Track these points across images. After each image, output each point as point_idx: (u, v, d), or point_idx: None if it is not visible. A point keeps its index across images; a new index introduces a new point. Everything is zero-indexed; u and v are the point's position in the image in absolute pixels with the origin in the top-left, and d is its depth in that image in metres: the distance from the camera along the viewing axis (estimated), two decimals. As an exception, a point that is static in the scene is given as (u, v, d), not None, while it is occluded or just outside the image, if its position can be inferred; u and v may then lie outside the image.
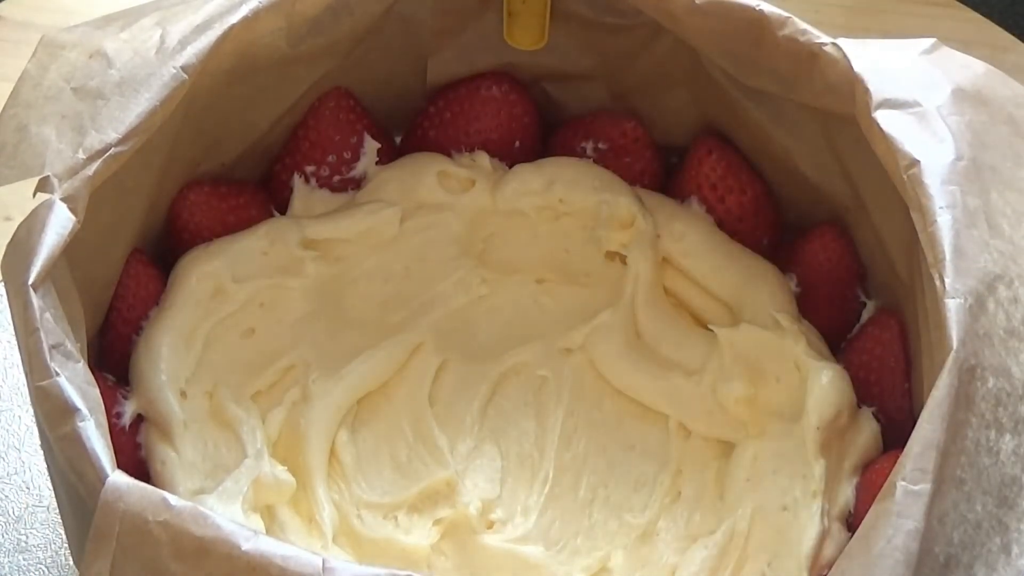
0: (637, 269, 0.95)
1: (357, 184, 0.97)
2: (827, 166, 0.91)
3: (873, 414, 0.88)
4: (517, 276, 0.98)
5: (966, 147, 0.78)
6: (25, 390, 1.01)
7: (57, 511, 0.95)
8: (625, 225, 0.96)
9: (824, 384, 0.87)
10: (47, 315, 0.73)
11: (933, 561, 0.68)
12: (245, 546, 0.66)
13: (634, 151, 0.97)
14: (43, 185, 0.77)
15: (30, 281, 0.73)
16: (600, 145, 0.97)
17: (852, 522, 0.85)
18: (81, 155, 0.77)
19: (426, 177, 0.97)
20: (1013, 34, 1.14)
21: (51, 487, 0.96)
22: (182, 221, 0.92)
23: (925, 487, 0.68)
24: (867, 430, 0.88)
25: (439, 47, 0.96)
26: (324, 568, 0.65)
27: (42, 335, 0.72)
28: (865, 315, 0.92)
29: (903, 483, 0.68)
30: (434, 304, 0.97)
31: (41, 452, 0.97)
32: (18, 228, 0.76)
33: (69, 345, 0.73)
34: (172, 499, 0.67)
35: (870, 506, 0.82)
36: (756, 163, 0.96)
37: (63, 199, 0.76)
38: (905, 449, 0.70)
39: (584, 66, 0.97)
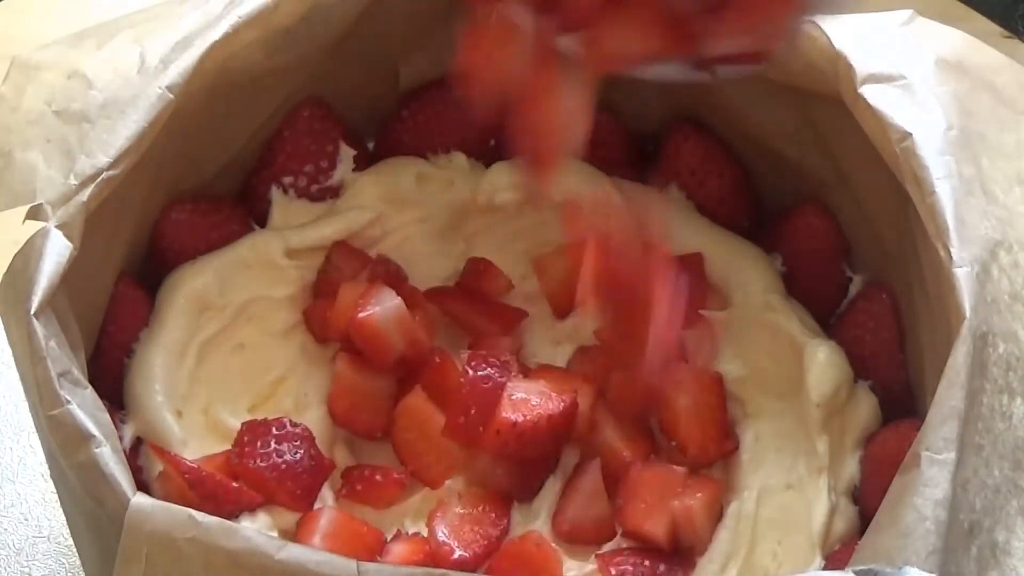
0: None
1: (335, 192, 0.96)
2: (806, 144, 0.92)
3: (870, 388, 0.89)
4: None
5: (954, 116, 0.79)
6: (15, 421, 1.00)
7: (58, 541, 0.94)
8: (606, 215, 0.96)
9: (821, 361, 0.88)
10: (52, 343, 0.72)
11: (959, 528, 0.68)
12: (278, 555, 0.66)
13: (609, 143, 0.98)
14: (35, 213, 0.76)
15: (32, 310, 0.72)
16: (576, 138, 0.97)
17: (859, 496, 0.86)
18: (73, 181, 0.77)
19: (405, 180, 0.97)
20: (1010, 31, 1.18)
21: (50, 518, 0.95)
22: (166, 241, 0.91)
23: (950, 456, 0.68)
24: (865, 404, 0.88)
25: (410, 52, 0.96)
26: (359, 571, 0.65)
27: (49, 364, 0.72)
28: (852, 290, 0.93)
29: (927, 453, 0.68)
30: (421, 304, 0.97)
31: (35, 483, 0.97)
32: (14, 258, 0.75)
33: (76, 372, 0.73)
34: (199, 515, 0.67)
35: (877, 479, 0.83)
36: (733, 146, 0.96)
37: (58, 226, 0.75)
38: (927, 419, 0.70)
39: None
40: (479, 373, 0.87)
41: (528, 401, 0.87)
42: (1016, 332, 0.73)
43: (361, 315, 0.90)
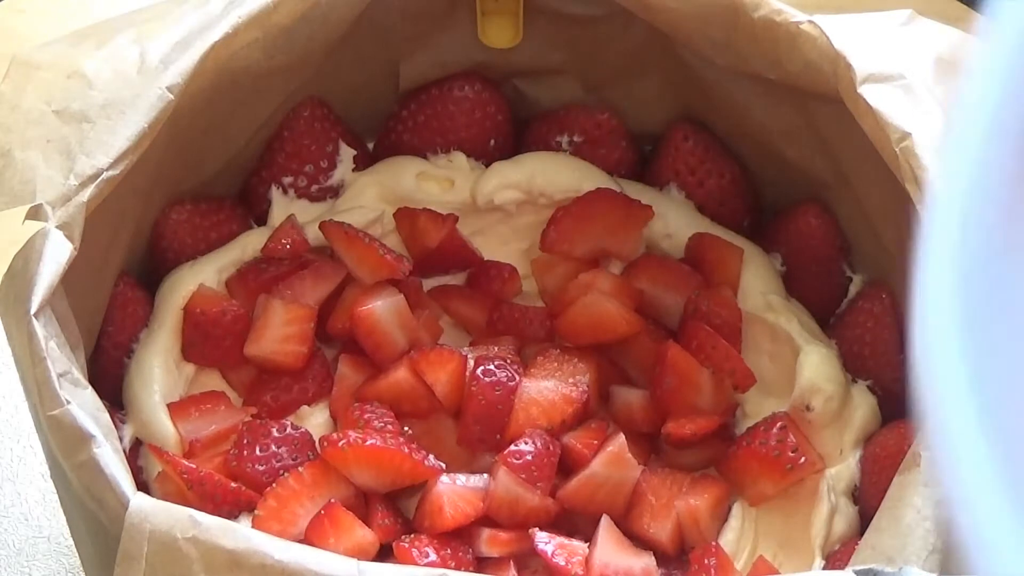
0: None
1: (335, 192, 0.96)
2: (806, 143, 0.92)
3: (869, 387, 0.89)
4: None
5: (954, 116, 0.78)
6: (15, 421, 1.00)
7: (58, 541, 0.94)
8: (607, 215, 0.96)
9: (811, 366, 0.88)
10: (52, 343, 0.72)
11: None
12: (278, 555, 0.65)
13: (609, 142, 0.98)
14: (35, 213, 0.76)
15: (32, 311, 0.72)
16: (575, 138, 0.97)
17: (859, 496, 0.86)
18: (73, 181, 0.77)
19: (405, 180, 0.97)
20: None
21: (50, 518, 0.95)
22: (166, 241, 0.91)
23: (950, 455, 0.68)
24: (864, 404, 0.88)
25: (410, 51, 0.95)
26: (359, 571, 0.65)
27: (49, 364, 0.71)
28: (852, 289, 0.93)
29: (928, 452, 0.68)
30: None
31: (35, 483, 0.96)
32: (14, 258, 0.75)
33: (76, 372, 0.73)
34: (199, 515, 0.67)
35: (877, 479, 0.83)
36: (732, 145, 0.96)
37: (59, 227, 0.75)
38: (927, 418, 0.70)
39: (555, 60, 0.97)
40: (488, 379, 0.87)
41: (540, 402, 0.87)
42: (1016, 332, 0.73)
43: (361, 309, 0.90)
